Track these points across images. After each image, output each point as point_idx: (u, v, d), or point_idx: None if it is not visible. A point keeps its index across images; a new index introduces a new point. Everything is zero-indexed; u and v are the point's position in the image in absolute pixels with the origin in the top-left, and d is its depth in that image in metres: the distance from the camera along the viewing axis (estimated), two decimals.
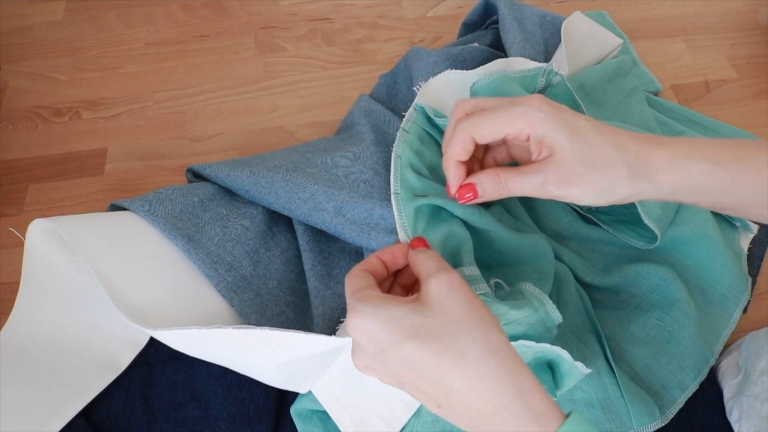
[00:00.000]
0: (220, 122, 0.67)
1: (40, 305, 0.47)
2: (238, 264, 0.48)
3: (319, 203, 0.48)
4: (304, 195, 0.49)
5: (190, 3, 0.79)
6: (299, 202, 0.49)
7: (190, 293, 0.46)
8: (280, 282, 0.50)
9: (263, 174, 0.50)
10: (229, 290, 0.47)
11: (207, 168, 0.52)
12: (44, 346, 0.47)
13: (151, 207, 0.47)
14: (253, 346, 0.37)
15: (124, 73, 0.72)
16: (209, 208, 0.50)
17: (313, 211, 0.48)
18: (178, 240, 0.46)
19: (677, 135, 0.56)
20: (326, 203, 0.48)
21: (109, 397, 0.48)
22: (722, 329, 0.51)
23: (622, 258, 0.53)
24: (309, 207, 0.49)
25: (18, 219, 0.60)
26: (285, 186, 0.49)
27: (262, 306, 0.48)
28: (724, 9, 0.78)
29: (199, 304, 0.46)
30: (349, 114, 0.63)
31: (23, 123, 0.68)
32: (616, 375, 0.46)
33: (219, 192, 0.52)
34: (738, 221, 0.57)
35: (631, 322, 0.50)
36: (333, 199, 0.48)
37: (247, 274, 0.48)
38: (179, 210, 0.48)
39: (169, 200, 0.49)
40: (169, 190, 0.50)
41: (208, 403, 0.47)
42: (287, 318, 0.49)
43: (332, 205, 0.48)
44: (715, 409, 0.48)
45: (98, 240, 0.43)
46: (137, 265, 0.44)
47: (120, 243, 0.44)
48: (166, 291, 0.44)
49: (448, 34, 0.75)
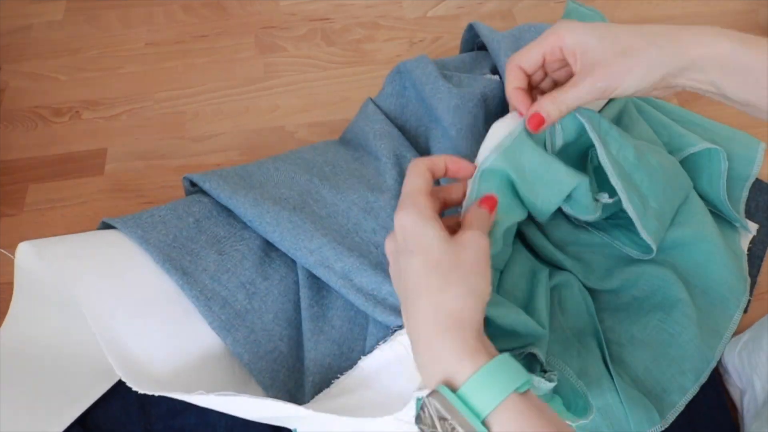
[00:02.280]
0: (220, 122, 0.67)
1: (34, 313, 0.46)
2: (233, 298, 0.46)
3: (326, 259, 0.47)
4: (311, 246, 0.47)
5: (190, 3, 0.79)
6: (305, 251, 0.47)
7: (184, 328, 0.44)
8: (276, 315, 0.48)
9: (268, 208, 0.48)
10: (222, 329, 0.45)
11: (206, 182, 0.49)
12: (40, 354, 0.46)
13: (144, 233, 0.45)
14: (236, 409, 0.39)
15: (124, 73, 0.72)
16: (205, 229, 0.48)
17: (319, 266, 0.47)
18: (172, 273, 0.45)
19: (678, 137, 0.57)
20: (334, 263, 0.46)
21: (105, 404, 0.47)
22: (724, 330, 0.51)
23: (623, 260, 0.53)
24: (315, 260, 0.47)
25: (18, 219, 0.60)
26: (291, 229, 0.47)
27: (256, 344, 0.46)
28: (724, 9, 0.78)
29: (192, 340, 0.44)
30: (357, 123, 0.60)
31: (23, 123, 0.68)
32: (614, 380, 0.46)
33: (216, 207, 0.50)
34: (737, 222, 0.57)
35: (632, 324, 0.50)
36: (342, 260, 0.46)
37: (242, 310, 0.47)
38: (173, 236, 0.46)
39: (162, 224, 0.46)
40: (162, 211, 0.47)
41: (205, 410, 0.47)
42: (280, 353, 0.47)
43: (340, 266, 0.46)
44: (716, 410, 0.48)
45: (88, 271, 0.42)
46: (129, 300, 0.43)
47: (110, 273, 0.43)
48: (158, 327, 0.43)
49: (448, 34, 0.75)
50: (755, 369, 0.47)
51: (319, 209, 0.50)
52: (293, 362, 0.47)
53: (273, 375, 0.46)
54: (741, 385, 0.48)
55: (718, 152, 0.55)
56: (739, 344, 0.49)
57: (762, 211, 0.59)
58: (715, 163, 0.56)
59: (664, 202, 0.50)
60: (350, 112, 0.64)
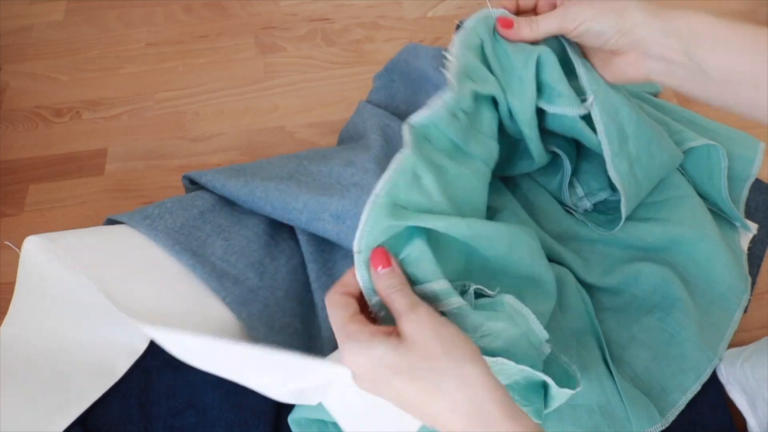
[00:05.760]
0: (220, 122, 0.67)
1: (35, 312, 0.46)
2: (244, 277, 0.47)
3: (314, 212, 0.48)
4: (298, 205, 0.48)
5: (191, 3, 0.79)
6: (295, 212, 0.48)
7: (198, 306, 0.45)
8: (287, 292, 0.49)
9: (257, 184, 0.49)
10: (237, 303, 0.46)
11: (203, 176, 0.51)
12: (40, 353, 0.46)
13: (152, 222, 0.46)
14: (262, 369, 0.37)
15: (124, 74, 0.72)
16: (210, 220, 0.49)
17: (312, 220, 0.48)
18: (182, 255, 0.45)
19: (676, 133, 0.57)
20: (321, 212, 0.48)
21: (105, 404, 0.48)
22: (725, 329, 0.51)
23: (622, 259, 0.53)
24: (306, 217, 0.48)
25: (18, 219, 0.60)
26: (279, 196, 0.49)
27: (271, 318, 0.47)
28: (724, 9, 0.78)
29: (207, 318, 0.45)
30: (352, 124, 0.62)
31: (24, 123, 0.68)
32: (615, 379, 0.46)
33: (219, 202, 0.51)
34: (737, 221, 0.57)
35: (632, 323, 0.50)
36: (327, 208, 0.47)
37: (254, 286, 0.47)
38: (180, 224, 0.47)
39: (169, 214, 0.47)
40: (168, 204, 0.48)
41: (205, 409, 0.47)
42: (296, 330, 0.48)
43: (328, 213, 0.48)
44: (717, 409, 0.48)
45: (99, 258, 0.42)
46: (141, 281, 0.43)
47: (122, 259, 0.43)
48: (172, 305, 0.43)
49: (448, 35, 0.75)
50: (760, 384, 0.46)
51: (305, 178, 0.52)
52: (308, 340, 0.48)
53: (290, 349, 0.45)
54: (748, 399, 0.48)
55: (717, 149, 0.55)
56: (740, 357, 0.49)
57: (762, 211, 0.59)
58: (714, 161, 0.56)
59: (647, 158, 0.49)
60: (350, 113, 0.65)
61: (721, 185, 0.55)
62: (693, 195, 0.55)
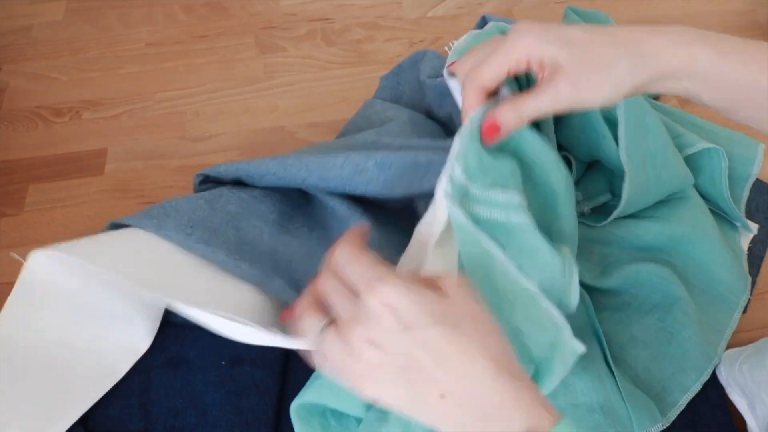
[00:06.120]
0: (220, 122, 0.67)
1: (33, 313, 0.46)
2: (260, 261, 0.46)
3: (357, 165, 0.46)
4: (338, 161, 0.46)
5: (190, 3, 0.79)
6: (336, 169, 0.46)
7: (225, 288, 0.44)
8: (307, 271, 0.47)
9: (289, 155, 0.49)
10: (261, 278, 0.45)
11: (221, 166, 0.51)
12: (42, 354, 0.46)
13: (159, 221, 0.45)
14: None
15: (124, 73, 0.72)
16: (218, 208, 0.48)
17: (355, 174, 0.46)
18: (195, 245, 0.44)
19: (676, 137, 0.57)
20: (366, 162, 0.46)
21: (106, 404, 0.47)
22: (725, 328, 0.51)
23: (621, 259, 0.53)
24: (348, 171, 0.46)
25: (18, 219, 0.60)
26: (316, 159, 0.47)
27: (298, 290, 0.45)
28: (724, 9, 0.78)
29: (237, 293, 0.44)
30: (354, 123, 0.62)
31: (24, 123, 0.68)
32: (616, 378, 0.46)
33: (226, 190, 0.50)
34: (738, 221, 0.57)
35: (632, 323, 0.50)
36: (371, 157, 0.45)
37: (273, 266, 0.47)
38: (187, 218, 0.47)
39: (175, 211, 0.47)
40: (173, 201, 0.48)
41: (206, 409, 0.47)
42: None
43: (373, 162, 0.45)
44: (717, 408, 0.48)
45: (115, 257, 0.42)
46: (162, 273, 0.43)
47: (138, 257, 0.43)
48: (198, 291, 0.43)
49: (448, 35, 0.75)
50: (759, 385, 0.46)
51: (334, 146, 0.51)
52: None
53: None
54: (747, 400, 0.48)
55: (717, 151, 0.55)
56: (739, 358, 0.49)
57: (762, 212, 0.59)
58: (715, 162, 0.56)
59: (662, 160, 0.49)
60: (350, 113, 0.64)
61: (723, 185, 0.55)
62: (693, 195, 0.55)
